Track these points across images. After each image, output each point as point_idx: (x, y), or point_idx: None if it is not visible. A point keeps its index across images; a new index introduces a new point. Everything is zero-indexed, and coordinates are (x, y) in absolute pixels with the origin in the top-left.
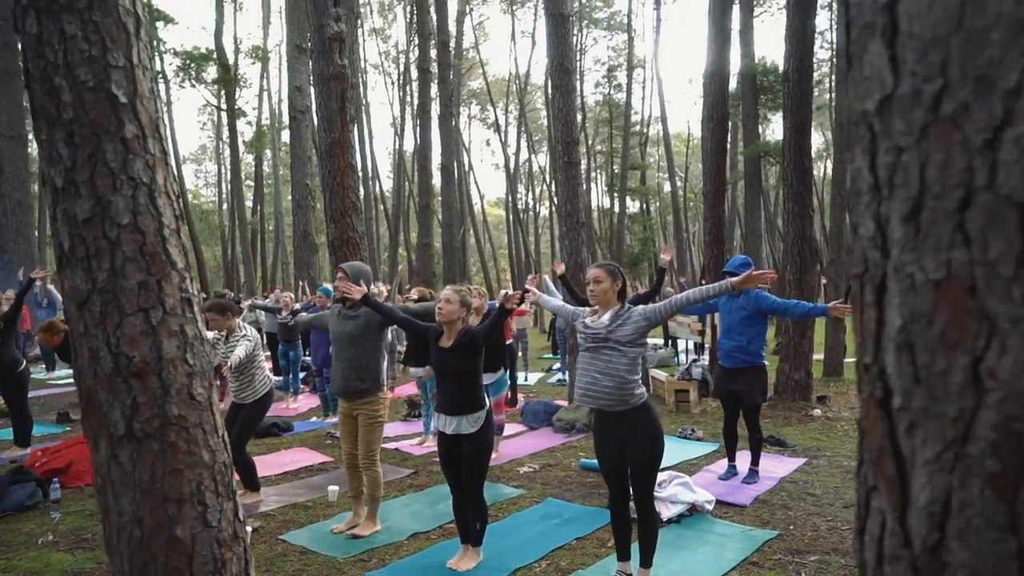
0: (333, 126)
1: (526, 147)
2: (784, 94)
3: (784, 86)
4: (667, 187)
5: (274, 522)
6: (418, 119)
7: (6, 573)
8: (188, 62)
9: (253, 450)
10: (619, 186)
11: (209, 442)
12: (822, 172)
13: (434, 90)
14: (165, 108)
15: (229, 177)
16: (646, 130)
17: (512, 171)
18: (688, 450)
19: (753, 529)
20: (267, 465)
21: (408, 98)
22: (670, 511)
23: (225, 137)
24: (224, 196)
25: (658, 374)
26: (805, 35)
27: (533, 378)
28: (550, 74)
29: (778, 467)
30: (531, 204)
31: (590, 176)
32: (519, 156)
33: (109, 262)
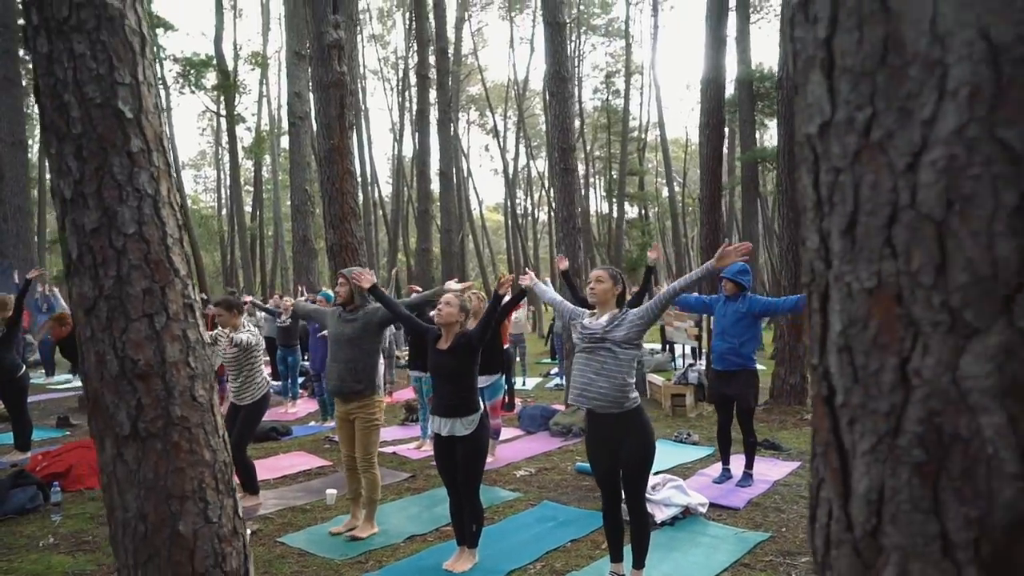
0: (332, 132)
1: (525, 152)
2: (779, 100)
3: (779, 92)
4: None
5: (272, 525)
6: (417, 125)
7: (8, 575)
8: (188, 68)
9: (251, 454)
10: (617, 191)
11: (210, 442)
12: None
13: (433, 96)
14: (165, 114)
15: (228, 182)
16: (644, 135)
17: (511, 176)
18: (683, 454)
19: (746, 531)
20: (266, 469)
21: (407, 104)
22: (664, 514)
23: (224, 143)
24: (223, 201)
25: (655, 379)
26: None
27: (531, 383)
28: (547, 81)
29: (772, 470)
30: (530, 209)
31: (588, 181)
32: (518, 161)
33: (115, 270)
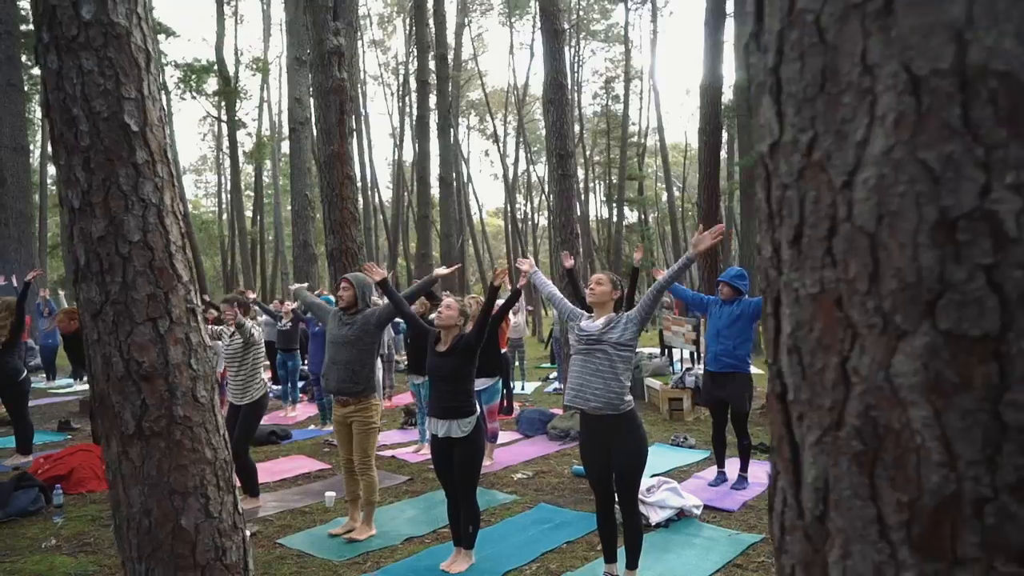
0: (332, 138)
1: (524, 158)
2: None
3: None
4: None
5: (272, 527)
6: (417, 130)
7: (11, 575)
8: (189, 74)
9: (251, 457)
10: (617, 196)
11: (212, 440)
12: None
13: (433, 101)
14: (167, 122)
15: (229, 187)
16: (644, 140)
17: (511, 181)
18: (679, 457)
19: (739, 533)
20: (265, 472)
21: (407, 109)
22: (658, 516)
23: (225, 148)
24: (224, 206)
25: (653, 383)
26: None
27: (530, 387)
28: (545, 88)
29: (767, 473)
30: (530, 214)
31: (588, 186)
32: (517, 167)
33: (121, 276)
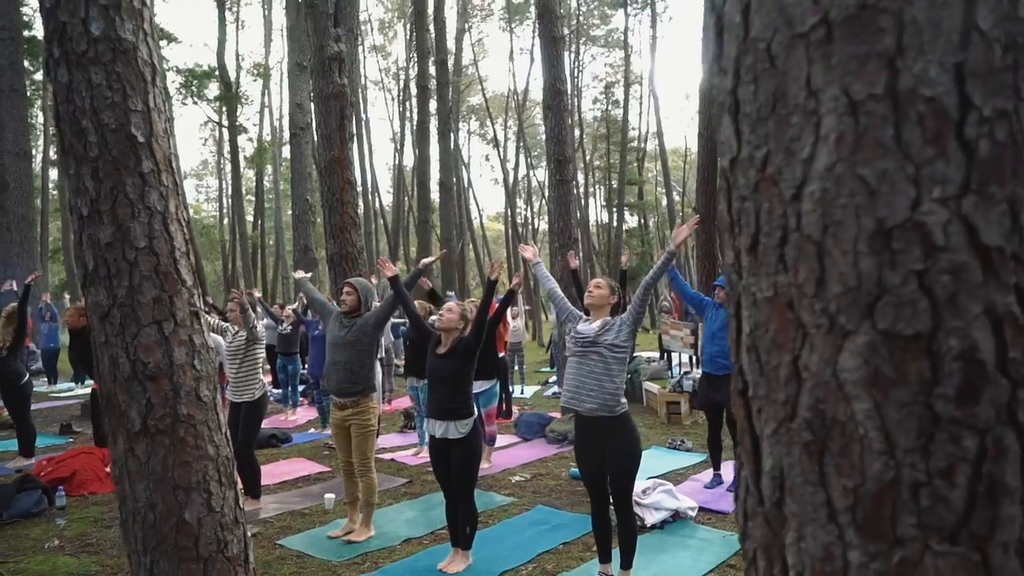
0: (333, 143)
1: (524, 162)
2: None
3: None
4: (664, 202)
5: (272, 528)
6: (417, 135)
7: (15, 575)
8: (190, 80)
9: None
10: (617, 201)
11: (214, 438)
12: None
13: (433, 107)
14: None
15: (230, 192)
16: (644, 145)
17: (511, 186)
18: (676, 460)
19: (733, 534)
20: (266, 475)
21: (408, 114)
22: (654, 517)
23: (226, 153)
24: (225, 211)
25: (651, 387)
26: None
27: (529, 391)
28: (544, 95)
29: None
30: (530, 218)
31: (588, 191)
32: (518, 171)
33: (128, 280)
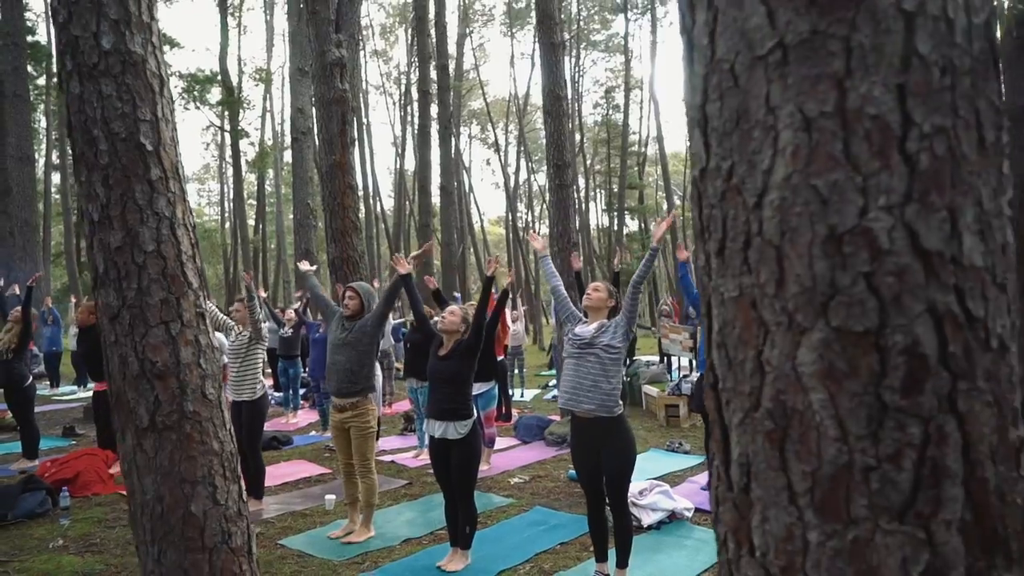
0: (334, 148)
1: (525, 167)
2: None
3: None
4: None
5: (273, 528)
6: (418, 140)
7: (20, 574)
8: (192, 84)
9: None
10: (618, 205)
11: (219, 434)
12: None
13: (434, 111)
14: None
15: (232, 196)
16: (645, 149)
17: (512, 190)
18: (674, 462)
19: None
20: (267, 476)
21: (409, 118)
22: (651, 518)
23: (228, 157)
24: (227, 215)
25: (650, 390)
26: None
27: (529, 395)
28: (544, 100)
29: None
30: (531, 223)
31: (589, 195)
32: (519, 175)
33: (136, 283)
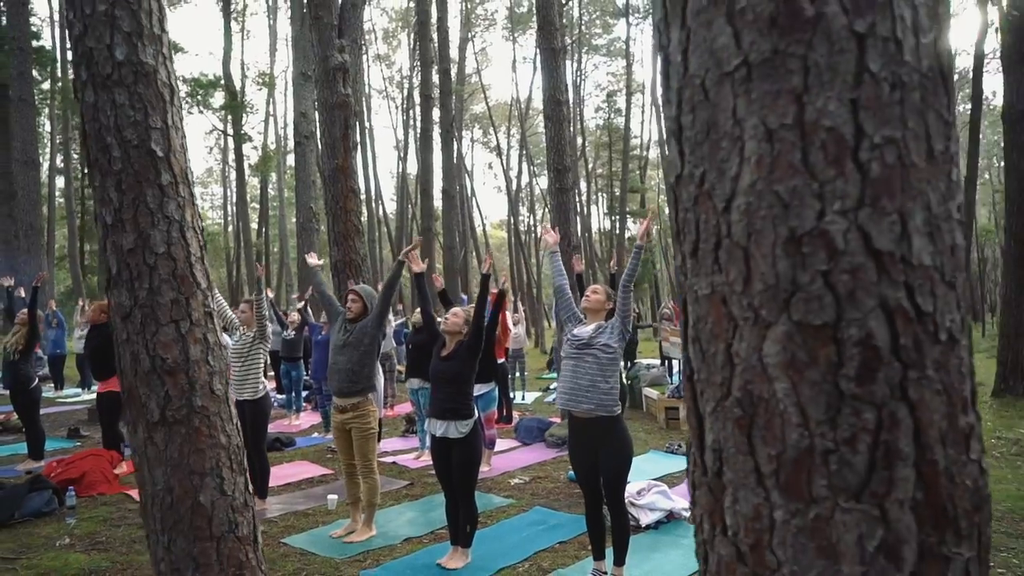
0: (336, 152)
1: (527, 170)
2: None
3: None
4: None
5: (276, 527)
6: (420, 144)
7: (28, 571)
8: (196, 88)
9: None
10: (619, 208)
11: (226, 428)
12: None
13: (436, 115)
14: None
15: (235, 200)
16: (646, 153)
17: (513, 194)
18: (673, 464)
19: None
20: (271, 477)
21: (411, 122)
22: (648, 518)
23: (231, 161)
24: (230, 218)
25: (650, 392)
26: None
27: (530, 397)
28: (544, 104)
29: None
30: (533, 226)
31: (591, 199)
32: (520, 179)
33: (148, 283)
